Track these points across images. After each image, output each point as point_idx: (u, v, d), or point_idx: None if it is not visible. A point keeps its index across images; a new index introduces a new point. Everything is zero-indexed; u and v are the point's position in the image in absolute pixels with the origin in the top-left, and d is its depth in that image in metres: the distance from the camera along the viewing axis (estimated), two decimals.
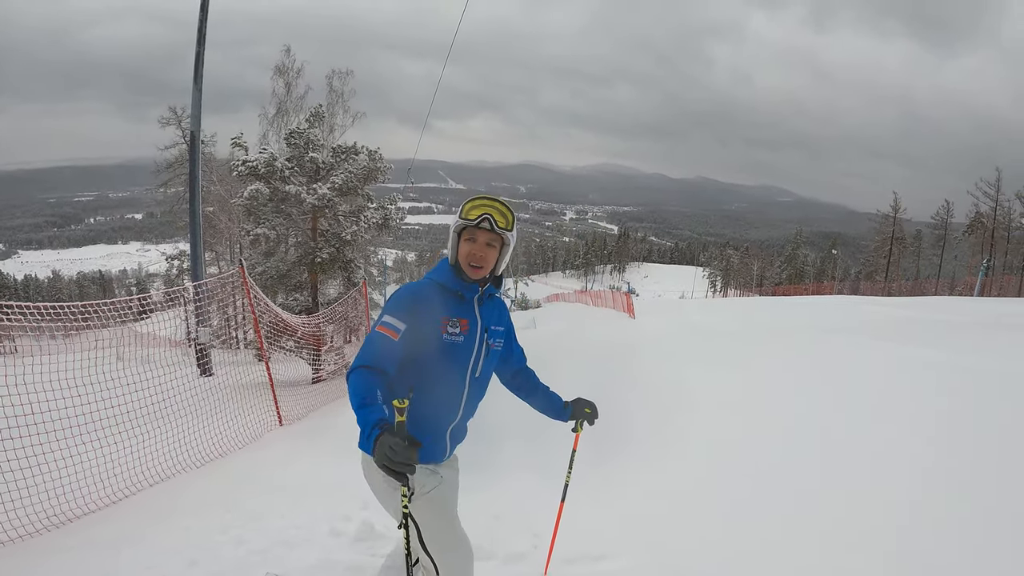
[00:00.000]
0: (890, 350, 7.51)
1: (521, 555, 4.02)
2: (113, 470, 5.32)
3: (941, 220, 53.62)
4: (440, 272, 2.71)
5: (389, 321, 2.47)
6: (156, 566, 3.91)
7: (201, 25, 12.64)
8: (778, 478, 4.61)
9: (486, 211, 2.58)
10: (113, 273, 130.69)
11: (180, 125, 32.31)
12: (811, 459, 4.83)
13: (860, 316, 15.96)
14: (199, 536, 4.37)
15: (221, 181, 30.43)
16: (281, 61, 26.29)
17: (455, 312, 2.65)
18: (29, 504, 4.48)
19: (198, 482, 5.67)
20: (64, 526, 4.58)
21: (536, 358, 3.26)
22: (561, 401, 3.23)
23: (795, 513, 4.08)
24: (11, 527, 4.26)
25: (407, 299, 2.56)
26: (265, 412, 7.68)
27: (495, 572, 3.79)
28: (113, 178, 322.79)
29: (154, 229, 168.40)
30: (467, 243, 2.63)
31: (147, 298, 7.16)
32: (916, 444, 4.53)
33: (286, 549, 4.05)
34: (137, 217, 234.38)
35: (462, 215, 2.59)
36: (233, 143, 13.60)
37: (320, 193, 12.61)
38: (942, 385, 5.63)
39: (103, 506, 4.97)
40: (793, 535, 3.83)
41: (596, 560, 3.92)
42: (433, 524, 2.58)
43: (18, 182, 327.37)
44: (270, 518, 4.65)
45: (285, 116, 25.97)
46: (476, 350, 2.72)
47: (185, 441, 6.23)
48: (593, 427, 3.30)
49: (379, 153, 13.75)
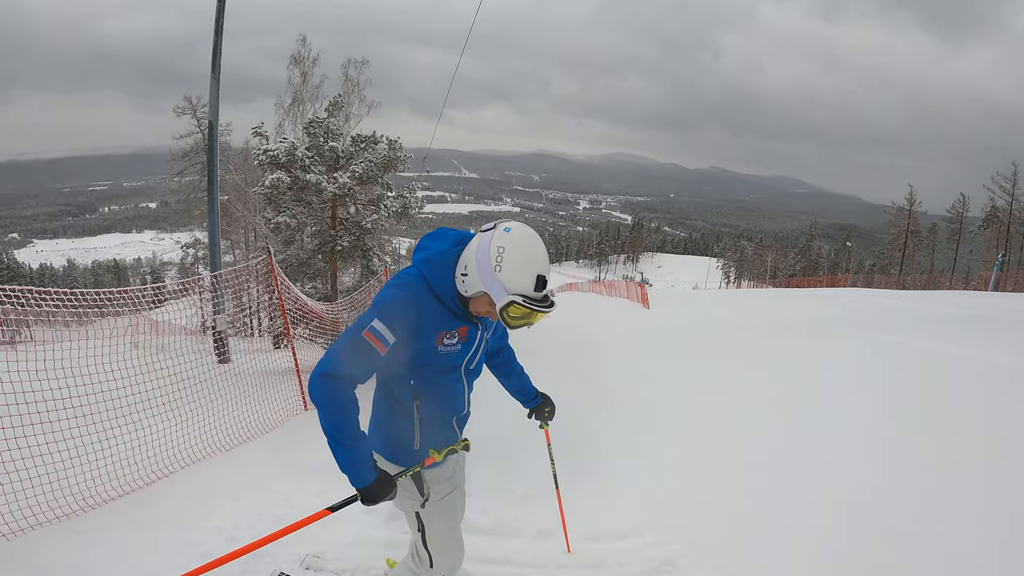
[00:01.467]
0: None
1: (549, 532, 4.14)
2: (146, 452, 5.45)
3: (957, 214, 53.19)
4: (439, 281, 2.40)
5: (379, 329, 2.26)
6: (198, 544, 4.06)
7: (218, 15, 12.69)
8: (802, 463, 4.79)
9: (528, 321, 2.25)
10: (128, 262, 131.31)
11: (195, 114, 32.47)
12: (830, 449, 5.02)
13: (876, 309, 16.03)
14: (236, 515, 4.52)
15: (237, 170, 30.58)
16: (297, 51, 26.37)
17: (453, 325, 2.46)
18: (66, 486, 4.59)
19: (229, 465, 5.79)
20: (101, 507, 4.69)
21: (549, 349, 3.36)
22: (533, 390, 3.28)
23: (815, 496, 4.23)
24: (48, 508, 4.36)
25: (405, 312, 2.32)
26: (289, 397, 7.81)
27: (525, 547, 3.95)
28: (127, 167, 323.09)
29: (168, 218, 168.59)
30: (491, 307, 2.33)
31: (162, 286, 7.22)
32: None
33: (322, 527, 4.13)
34: (151, 206, 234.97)
35: (506, 309, 2.23)
36: (254, 132, 13.67)
37: (341, 182, 12.70)
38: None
39: (137, 488, 5.08)
40: (813, 516, 3.98)
41: (620, 538, 4.04)
42: (437, 527, 2.73)
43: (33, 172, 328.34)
44: (304, 498, 4.76)
45: (301, 105, 26.05)
46: (473, 351, 2.63)
47: (213, 424, 6.34)
48: (619, 412, 3.38)
49: (399, 142, 13.82)
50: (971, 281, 44.72)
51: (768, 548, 3.70)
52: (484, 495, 4.50)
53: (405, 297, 2.34)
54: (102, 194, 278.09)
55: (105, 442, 5.05)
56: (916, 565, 3.31)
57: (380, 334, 2.26)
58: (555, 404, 3.37)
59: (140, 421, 5.56)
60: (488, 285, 2.26)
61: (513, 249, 2.23)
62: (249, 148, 31.31)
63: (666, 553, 3.74)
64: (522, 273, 2.21)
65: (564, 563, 3.79)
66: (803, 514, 4.01)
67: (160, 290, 7.35)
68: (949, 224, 54.37)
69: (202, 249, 35.59)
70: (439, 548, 2.74)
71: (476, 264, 2.28)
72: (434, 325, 2.39)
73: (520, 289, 2.22)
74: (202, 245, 35.76)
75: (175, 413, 5.95)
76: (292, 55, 26.29)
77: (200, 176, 32.56)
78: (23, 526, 4.14)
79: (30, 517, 4.21)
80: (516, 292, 2.22)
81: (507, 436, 5.37)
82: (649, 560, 3.69)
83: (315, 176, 12.83)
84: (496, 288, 2.24)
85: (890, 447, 4.78)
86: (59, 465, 4.58)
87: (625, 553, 3.83)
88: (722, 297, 31.17)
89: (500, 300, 2.23)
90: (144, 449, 5.43)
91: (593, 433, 5.91)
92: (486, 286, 2.27)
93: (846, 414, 5.60)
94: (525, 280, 2.22)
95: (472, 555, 3.82)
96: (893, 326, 10.91)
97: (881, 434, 5.07)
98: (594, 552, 3.87)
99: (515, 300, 2.19)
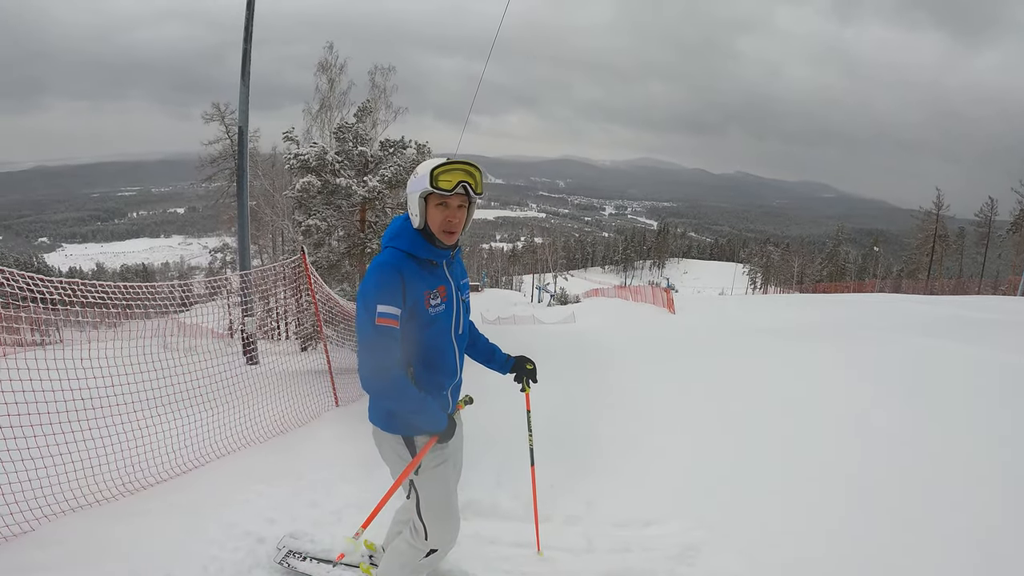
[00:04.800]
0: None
1: (577, 517, 4.26)
2: (185, 441, 5.56)
3: (985, 217, 52.43)
4: (407, 240, 2.67)
5: (387, 311, 2.49)
6: (237, 524, 4.21)
7: (248, 23, 12.82)
8: (822, 455, 4.93)
9: (463, 179, 2.58)
10: (156, 266, 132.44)
11: (223, 120, 32.71)
12: (851, 442, 5.17)
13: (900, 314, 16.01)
14: (274, 500, 4.64)
15: (265, 175, 30.86)
16: (324, 57, 26.43)
17: (432, 283, 2.70)
18: (105, 471, 4.70)
19: (264, 455, 5.88)
20: (138, 492, 4.78)
21: (578, 353, 3.45)
22: (503, 354, 3.38)
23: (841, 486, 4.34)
24: (88, 492, 4.46)
25: (392, 281, 2.54)
26: (321, 394, 7.93)
27: (555, 532, 4.03)
28: (156, 173, 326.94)
29: (196, 223, 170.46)
30: (438, 208, 2.62)
31: (187, 287, 7.34)
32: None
33: (358, 511, 4.29)
34: (179, 211, 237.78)
35: (434, 183, 2.54)
36: (284, 137, 13.94)
37: (371, 186, 12.90)
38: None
39: (174, 475, 5.19)
40: (831, 502, 4.11)
41: (644, 525, 4.12)
42: (432, 496, 2.86)
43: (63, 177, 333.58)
44: (340, 484, 4.91)
45: (328, 111, 26.16)
46: (456, 311, 2.84)
47: (247, 416, 6.44)
48: (643, 408, 3.46)
49: (427, 146, 13.99)
50: (1000, 286, 44.07)
51: (789, 534, 3.79)
52: (515, 482, 4.67)
53: (385, 267, 2.58)
54: (131, 199, 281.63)
55: (141, 430, 5.16)
56: (934, 550, 3.43)
57: (387, 313, 2.50)
58: (536, 363, 3.47)
59: (173, 414, 5.67)
60: (414, 190, 2.63)
61: (420, 166, 2.66)
62: (277, 154, 31.61)
63: (690, 539, 3.82)
64: (437, 176, 2.56)
65: (593, 547, 3.88)
66: (821, 502, 4.13)
67: (189, 290, 7.47)
68: (977, 228, 53.58)
69: (230, 254, 35.89)
70: (433, 518, 2.87)
71: (409, 195, 2.70)
72: (418, 286, 2.63)
73: (427, 173, 2.58)
74: (230, 249, 36.05)
75: (211, 408, 6.02)
76: (319, 62, 26.35)
77: (228, 181, 32.88)
78: (64, 508, 4.26)
79: (71, 499, 4.34)
80: (426, 174, 2.58)
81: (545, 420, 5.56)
82: (674, 546, 3.76)
83: (345, 180, 13.04)
84: (418, 186, 2.61)
85: (909, 440, 4.93)
86: (97, 452, 4.69)
87: (650, 539, 3.91)
88: (748, 302, 31.05)
89: (423, 186, 2.59)
90: (180, 440, 5.54)
91: (618, 427, 6.06)
92: (414, 191, 2.63)
93: (866, 409, 5.78)
94: (428, 168, 2.58)
95: (502, 539, 3.96)
96: (920, 329, 11.00)
97: (900, 428, 5.24)
98: (620, 538, 3.96)
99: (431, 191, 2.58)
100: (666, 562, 3.63)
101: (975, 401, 5.86)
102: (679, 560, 3.64)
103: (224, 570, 3.68)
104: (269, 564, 3.75)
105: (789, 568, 3.47)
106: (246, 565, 3.75)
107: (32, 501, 4.10)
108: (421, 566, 2.97)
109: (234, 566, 3.73)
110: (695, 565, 3.59)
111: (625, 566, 3.61)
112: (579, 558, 3.75)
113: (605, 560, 3.71)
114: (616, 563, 3.66)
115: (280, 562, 3.71)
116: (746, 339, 12.17)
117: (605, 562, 3.69)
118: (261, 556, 3.83)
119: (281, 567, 3.70)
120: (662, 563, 3.61)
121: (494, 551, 3.81)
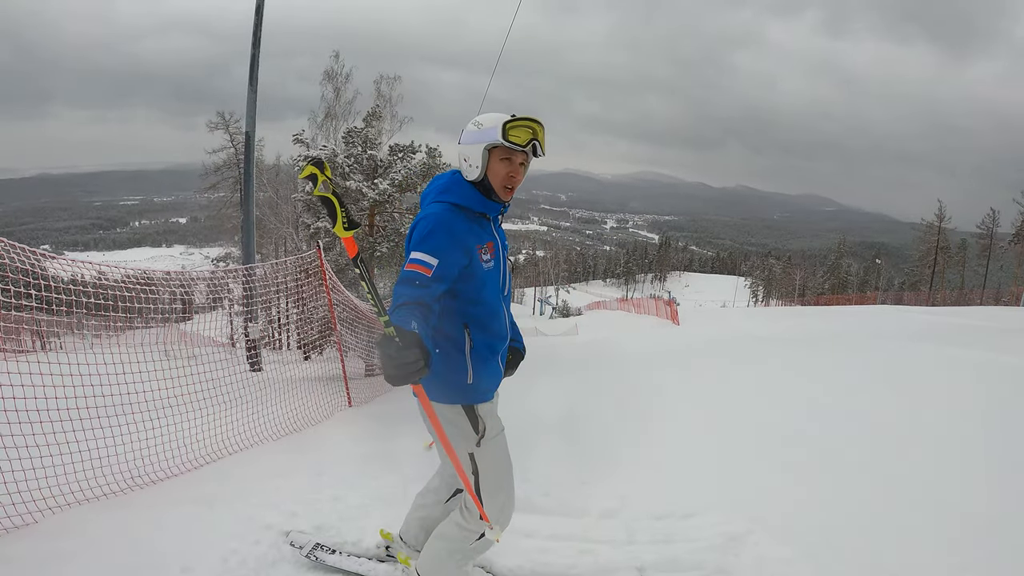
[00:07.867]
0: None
1: (612, 511, 4.15)
2: (196, 436, 5.43)
3: (987, 229, 52.54)
4: (460, 194, 2.59)
5: (419, 257, 2.35)
6: (255, 517, 4.05)
7: (256, 29, 12.84)
8: (854, 449, 4.97)
9: (535, 137, 2.48)
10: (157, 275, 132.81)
11: (228, 129, 32.88)
12: (882, 437, 5.26)
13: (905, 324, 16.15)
14: (293, 494, 4.48)
15: (269, 183, 30.85)
16: (330, 67, 26.57)
17: (483, 238, 2.61)
18: (115, 464, 4.58)
19: (278, 452, 5.75)
20: (147, 487, 4.66)
21: (589, 357, 3.39)
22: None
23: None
24: (96, 484, 4.37)
25: (441, 234, 2.43)
26: (333, 394, 7.83)
27: (592, 526, 3.94)
28: (158, 183, 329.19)
29: (198, 233, 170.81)
30: (503, 163, 2.53)
31: (191, 284, 7.25)
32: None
33: (383, 504, 4.18)
34: (181, 221, 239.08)
35: (506, 136, 2.44)
36: (295, 139, 13.92)
37: (381, 189, 12.84)
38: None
39: (185, 471, 5.06)
40: (868, 494, 4.10)
41: (684, 517, 4.03)
42: (492, 467, 2.73)
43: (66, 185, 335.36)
44: (363, 479, 4.78)
45: (334, 120, 26.23)
46: (503, 270, 2.75)
47: (259, 414, 6.33)
48: (672, 408, 3.36)
49: (438, 150, 13.95)
50: (1001, 297, 44.11)
51: (829, 525, 3.75)
52: (544, 480, 4.56)
53: (433, 220, 2.47)
54: (133, 208, 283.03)
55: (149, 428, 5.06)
56: (979, 535, 3.44)
57: (421, 260, 2.34)
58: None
59: (180, 415, 5.53)
60: (477, 141, 2.52)
61: (483, 117, 2.53)
62: (281, 164, 31.60)
63: (733, 529, 3.74)
64: (509, 130, 2.44)
65: (634, 539, 3.78)
66: (857, 493, 4.15)
67: (187, 295, 7.37)
68: (979, 240, 53.71)
69: (232, 263, 35.87)
70: (492, 490, 2.73)
71: (467, 145, 2.56)
72: (469, 241, 2.52)
73: (497, 126, 2.46)
74: (232, 259, 36.07)
75: (216, 407, 5.88)
76: (325, 71, 26.50)
77: (231, 191, 32.95)
78: (80, 499, 4.18)
79: (86, 489, 4.26)
80: (496, 126, 2.47)
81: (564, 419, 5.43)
82: (717, 536, 3.68)
83: (354, 183, 12.98)
84: (483, 137, 2.50)
85: (933, 437, 5.01)
86: (107, 449, 4.57)
87: (692, 530, 3.83)
88: (753, 314, 31.14)
89: (492, 138, 2.47)
90: (189, 437, 5.41)
91: (640, 424, 6.02)
92: (478, 142, 2.52)
93: (881, 408, 5.97)
94: (498, 121, 2.46)
95: (539, 532, 3.85)
96: (924, 336, 11.30)
97: (921, 425, 5.35)
98: (660, 530, 3.87)
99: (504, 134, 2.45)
100: (712, 552, 3.54)
101: (986, 401, 6.01)
102: (724, 550, 3.55)
103: (246, 563, 3.53)
104: (295, 558, 3.62)
105: (837, 552, 3.43)
106: (270, 559, 3.61)
107: (46, 490, 3.99)
108: (470, 552, 2.84)
109: (256, 560, 3.58)
110: (741, 555, 3.51)
111: (671, 556, 3.52)
112: (620, 549, 3.64)
113: (649, 551, 3.61)
114: (661, 553, 3.56)
115: (308, 555, 3.57)
116: (756, 346, 12.20)
117: (650, 552, 3.59)
118: (286, 550, 3.69)
119: (308, 560, 3.57)
120: (708, 553, 3.52)
121: (532, 544, 3.69)
